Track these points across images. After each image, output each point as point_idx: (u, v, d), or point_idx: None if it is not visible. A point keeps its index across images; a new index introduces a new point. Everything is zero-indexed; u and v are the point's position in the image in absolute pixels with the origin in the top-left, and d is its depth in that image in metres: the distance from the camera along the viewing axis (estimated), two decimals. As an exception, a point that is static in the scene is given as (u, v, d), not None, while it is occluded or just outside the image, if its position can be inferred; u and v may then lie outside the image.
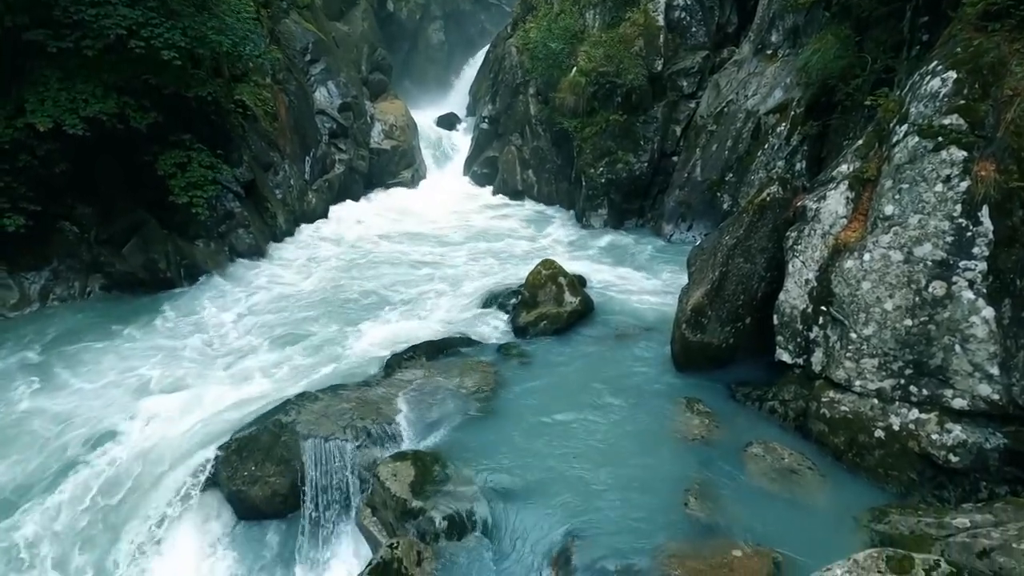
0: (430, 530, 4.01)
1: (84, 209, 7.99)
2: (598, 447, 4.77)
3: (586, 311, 7.03)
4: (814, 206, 5.26)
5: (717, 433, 4.95)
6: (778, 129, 9.32)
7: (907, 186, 4.58)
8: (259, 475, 4.81)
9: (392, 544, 3.83)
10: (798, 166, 8.84)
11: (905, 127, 4.77)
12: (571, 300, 6.97)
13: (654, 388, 5.59)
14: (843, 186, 5.16)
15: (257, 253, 9.78)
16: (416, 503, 4.16)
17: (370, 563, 3.79)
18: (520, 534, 3.99)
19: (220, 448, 5.01)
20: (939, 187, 4.42)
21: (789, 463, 4.59)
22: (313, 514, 4.60)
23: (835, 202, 5.13)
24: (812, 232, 5.17)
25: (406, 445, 4.91)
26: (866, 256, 4.71)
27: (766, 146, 9.43)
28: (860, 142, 5.43)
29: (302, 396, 5.36)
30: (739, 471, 4.53)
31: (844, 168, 5.36)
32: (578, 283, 7.38)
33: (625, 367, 5.96)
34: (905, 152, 4.64)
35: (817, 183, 5.75)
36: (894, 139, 4.84)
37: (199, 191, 8.05)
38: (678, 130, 11.36)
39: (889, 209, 4.66)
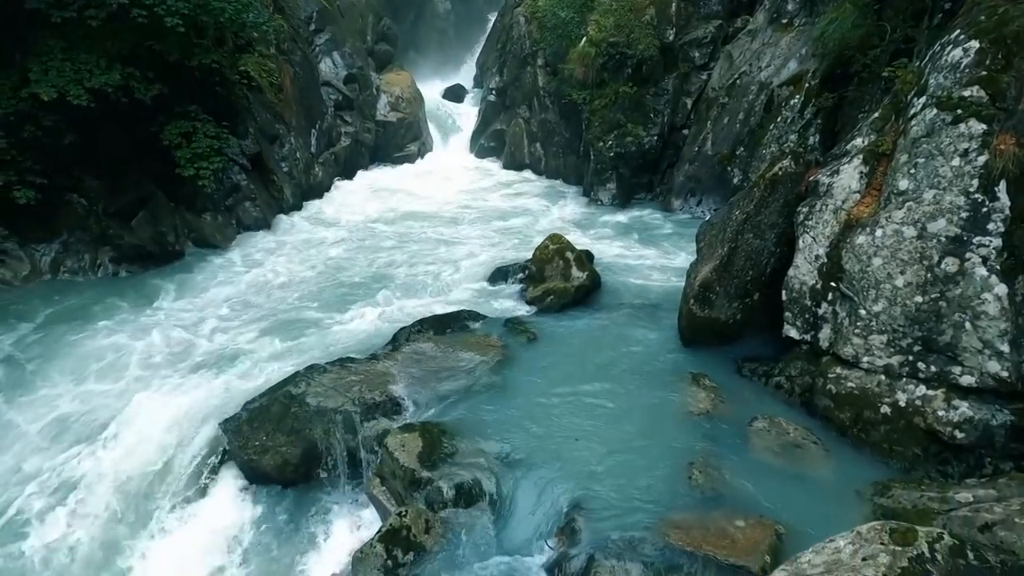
0: (438, 499, 4.09)
1: (92, 182, 8.01)
2: (604, 420, 4.81)
3: (593, 286, 7.02)
4: (827, 181, 5.17)
5: (722, 408, 4.97)
6: (791, 102, 9.12)
7: (923, 160, 4.48)
8: (270, 445, 4.90)
9: (401, 512, 3.92)
10: (811, 140, 8.67)
11: (923, 99, 4.65)
12: (578, 275, 6.95)
13: (660, 363, 5.60)
14: (857, 160, 5.06)
15: (264, 227, 9.80)
16: (424, 473, 4.23)
17: (380, 530, 3.89)
18: (526, 505, 4.07)
19: (230, 419, 5.10)
20: (956, 161, 4.33)
21: (794, 438, 4.62)
22: (327, 482, 4.70)
23: (848, 177, 5.05)
24: (824, 207, 5.10)
25: (414, 417, 4.98)
26: (878, 232, 4.64)
27: (779, 119, 9.24)
28: (876, 115, 5.31)
29: (311, 368, 5.42)
30: (743, 445, 4.56)
31: (859, 142, 5.26)
32: (585, 258, 7.35)
33: (632, 342, 5.97)
34: (922, 125, 4.54)
35: (830, 157, 5.64)
36: (911, 112, 4.73)
37: (205, 163, 8.03)
38: (689, 103, 11.15)
39: (904, 184, 4.58)
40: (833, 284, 4.90)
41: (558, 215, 10.83)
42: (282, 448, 4.88)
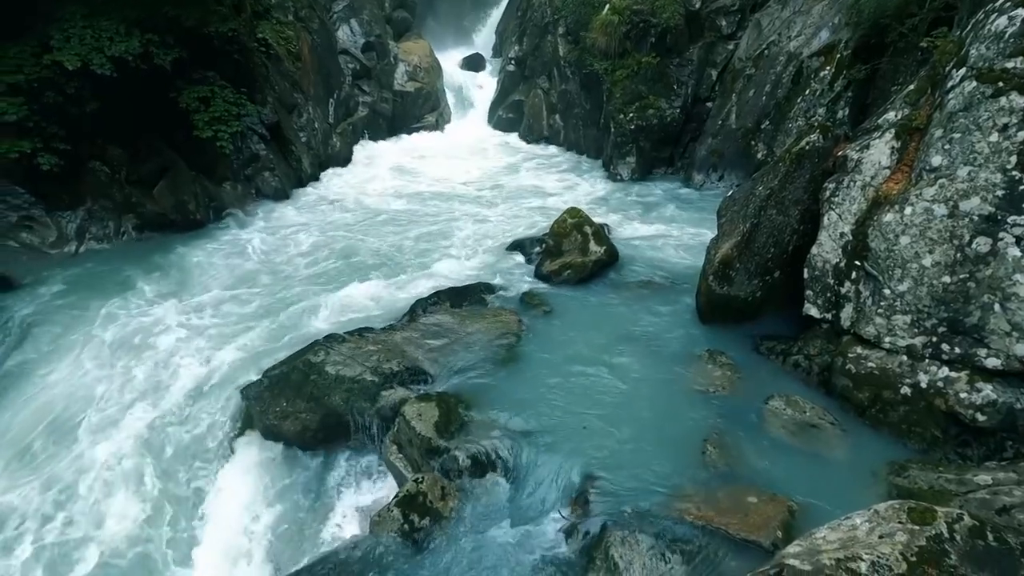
0: (454, 468, 4.17)
1: (114, 150, 8.08)
2: (619, 395, 4.83)
3: (611, 261, 6.97)
4: (856, 156, 5.02)
5: (739, 385, 4.95)
6: (821, 73, 8.82)
7: (959, 135, 4.32)
8: (290, 411, 5.01)
9: (418, 479, 4.00)
10: (840, 113, 8.40)
11: (963, 71, 4.45)
12: (596, 249, 6.90)
13: (677, 339, 5.58)
14: (889, 135, 4.90)
15: (283, 196, 9.85)
16: (440, 442, 4.30)
17: (397, 495, 3.98)
18: (540, 475, 4.12)
19: (251, 385, 5.22)
20: (994, 137, 4.16)
21: (810, 417, 4.59)
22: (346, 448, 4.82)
23: (879, 152, 4.89)
24: (851, 183, 4.96)
25: (430, 387, 5.04)
26: (907, 210, 4.51)
27: (807, 92, 8.95)
28: (911, 87, 5.11)
29: (329, 337, 5.50)
30: (759, 423, 4.55)
31: (891, 116, 5.08)
32: (603, 232, 7.28)
33: (648, 318, 5.94)
34: (960, 98, 4.36)
35: (860, 131, 5.47)
36: (949, 84, 4.53)
37: (223, 126, 8.05)
38: (714, 74, 10.84)
39: (937, 160, 4.42)
40: (857, 263, 4.80)
41: (576, 188, 10.71)
42: (302, 414, 4.99)
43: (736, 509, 3.73)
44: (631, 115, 10.82)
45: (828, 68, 8.74)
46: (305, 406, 5.01)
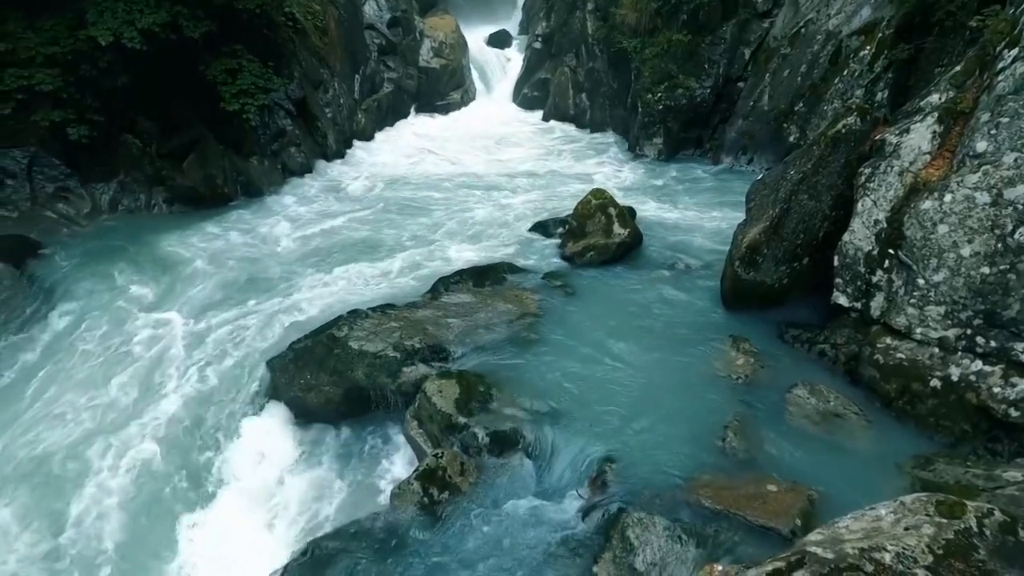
0: (473, 444, 4.23)
1: (145, 123, 8.21)
2: (639, 379, 4.81)
3: (635, 243, 6.89)
4: (894, 140, 4.85)
5: (762, 373, 4.89)
6: (861, 53, 8.48)
7: (1007, 120, 4.13)
8: (314, 383, 5.12)
9: (437, 454, 4.07)
10: (879, 96, 8.09)
11: (1015, 51, 4.23)
12: (620, 231, 6.82)
13: (700, 324, 5.52)
14: (931, 119, 4.71)
15: (308, 172, 9.92)
16: (460, 419, 4.36)
17: (417, 469, 4.06)
18: (559, 454, 4.15)
19: (277, 357, 5.33)
20: (1045, 122, 3.97)
21: (834, 407, 4.52)
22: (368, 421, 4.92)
23: (919, 136, 4.71)
24: (889, 169, 4.80)
25: (451, 365, 5.09)
26: (947, 197, 4.35)
27: (845, 72, 8.63)
28: (957, 69, 4.89)
29: (353, 313, 5.57)
30: (781, 411, 4.50)
31: (935, 98, 4.88)
32: (628, 214, 7.19)
33: (671, 302, 5.88)
34: (1011, 81, 4.15)
35: (901, 115, 5.27)
36: (999, 66, 4.32)
37: (250, 99, 8.10)
38: (747, 53, 10.50)
39: (982, 146, 4.24)
40: (891, 251, 4.66)
41: (601, 169, 10.57)
42: (325, 387, 5.09)
43: (755, 496, 3.72)
44: (659, 95, 10.58)
45: (868, 48, 8.40)
46: (328, 379, 5.10)
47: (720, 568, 2.13)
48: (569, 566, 3.46)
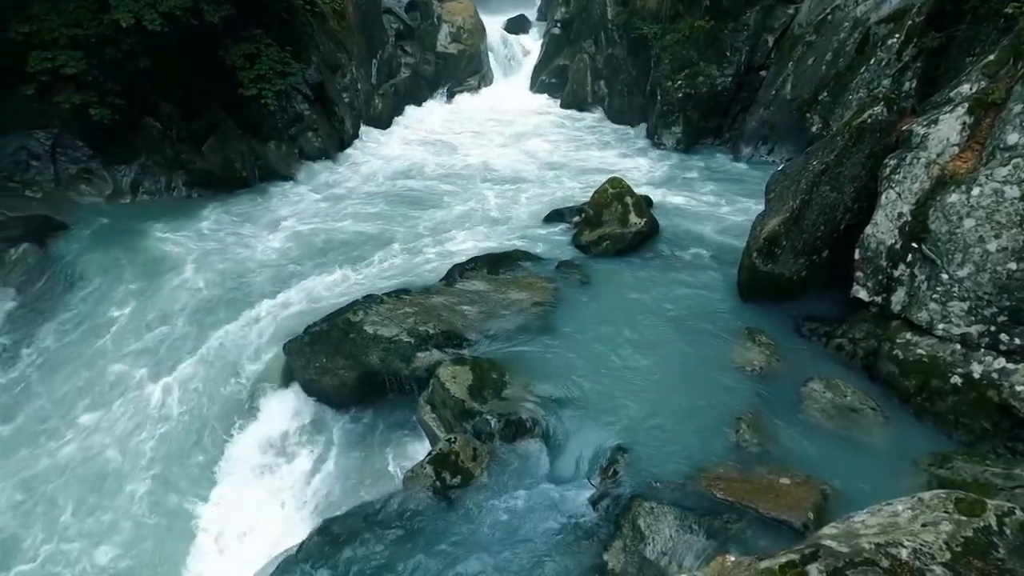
0: (485, 430, 4.25)
1: (166, 107, 8.28)
2: (653, 369, 4.79)
3: (651, 233, 6.83)
4: (922, 131, 4.73)
5: (777, 366, 4.85)
6: (889, 41, 8.26)
7: (1041, 111, 4.00)
8: (329, 367, 5.18)
9: (451, 439, 4.10)
10: (907, 85, 7.88)
11: (1052, 40, 4.09)
12: (636, 221, 6.77)
13: (716, 315, 5.47)
14: (961, 109, 4.58)
15: (325, 157, 9.95)
16: (473, 405, 4.39)
17: (430, 453, 4.10)
18: (571, 443, 4.17)
19: (293, 340, 5.39)
20: (1082, 114, 3.84)
21: (851, 401, 4.47)
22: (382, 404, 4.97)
23: (948, 127, 4.59)
24: (915, 161, 4.69)
25: (465, 351, 5.11)
26: (975, 190, 4.25)
27: (872, 61, 8.42)
28: (991, 58, 4.75)
29: (368, 298, 5.61)
30: (796, 405, 4.47)
31: (965, 88, 4.74)
32: (645, 203, 7.13)
33: (687, 292, 5.84)
34: (1047, 71, 4.02)
35: (929, 105, 5.14)
36: (1035, 55, 4.19)
37: (268, 84, 8.12)
38: (771, 40, 10.27)
39: (1014, 138, 4.12)
40: (915, 245, 4.57)
41: (618, 158, 10.46)
42: (340, 371, 5.15)
43: (767, 488, 3.70)
44: (679, 82, 10.41)
45: (897, 36, 8.18)
46: (343, 363, 5.16)
47: (732, 559, 2.13)
48: (579, 553, 3.48)
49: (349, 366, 5.13)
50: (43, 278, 6.64)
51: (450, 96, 14.28)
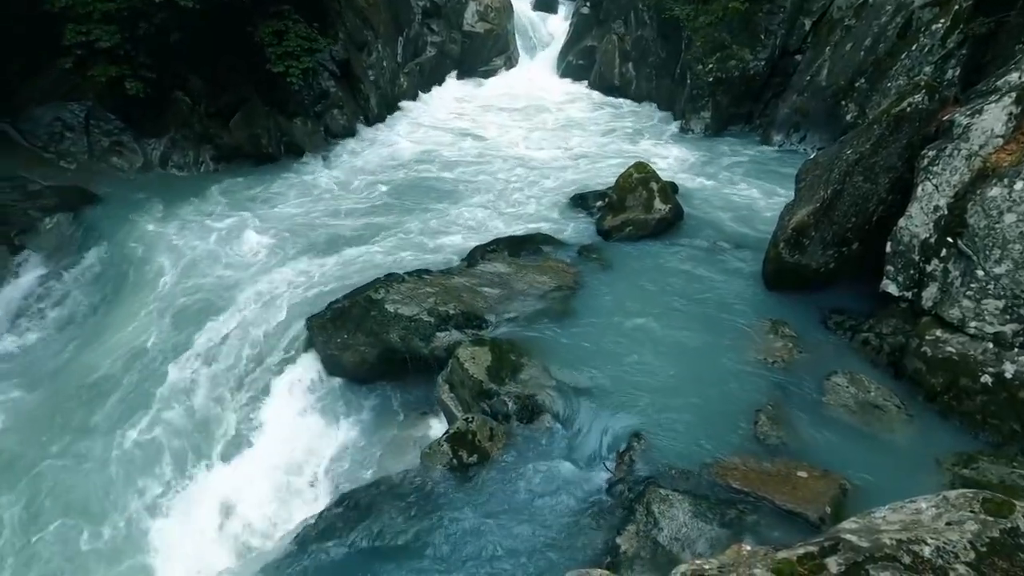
0: (502, 411, 4.29)
1: (195, 81, 8.36)
2: (672, 357, 4.77)
3: (675, 220, 6.74)
4: (964, 121, 4.56)
5: (800, 358, 4.78)
6: (934, 27, 7.93)
7: (1095, 103, 3.82)
8: (350, 343, 5.25)
9: (468, 418, 4.15)
10: (950, 73, 7.58)
11: (1112, 28, 3.89)
12: (661, 207, 6.67)
13: (738, 305, 5.40)
14: (1008, 99, 4.40)
15: (350, 135, 9.97)
16: (491, 386, 4.42)
17: (448, 432, 4.16)
18: (587, 427, 4.18)
19: (315, 316, 5.47)
20: None
21: (874, 397, 4.40)
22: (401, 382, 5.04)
23: (993, 118, 4.41)
24: (955, 152, 4.53)
25: (484, 333, 5.13)
26: (1018, 184, 4.10)
27: (914, 47, 8.10)
28: (1043, 45, 4.53)
29: (390, 276, 5.66)
30: (818, 398, 4.41)
31: (1013, 77, 4.55)
32: (670, 189, 7.02)
33: (710, 281, 5.76)
34: (1103, 60, 3.83)
35: (973, 94, 4.95)
36: (1092, 43, 3.98)
37: (295, 61, 8.14)
38: (808, 24, 9.93)
39: (1063, 130, 3.95)
40: (950, 239, 4.44)
41: (644, 142, 10.29)
42: (361, 348, 5.22)
43: (784, 481, 3.68)
44: (711, 66, 10.15)
45: (943, 21, 7.84)
46: (364, 340, 5.23)
47: (749, 548, 2.12)
48: (593, 535, 3.52)
49: (370, 343, 5.20)
50: (76, 247, 6.82)
51: (475, 76, 14.14)
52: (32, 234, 6.80)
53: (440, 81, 13.31)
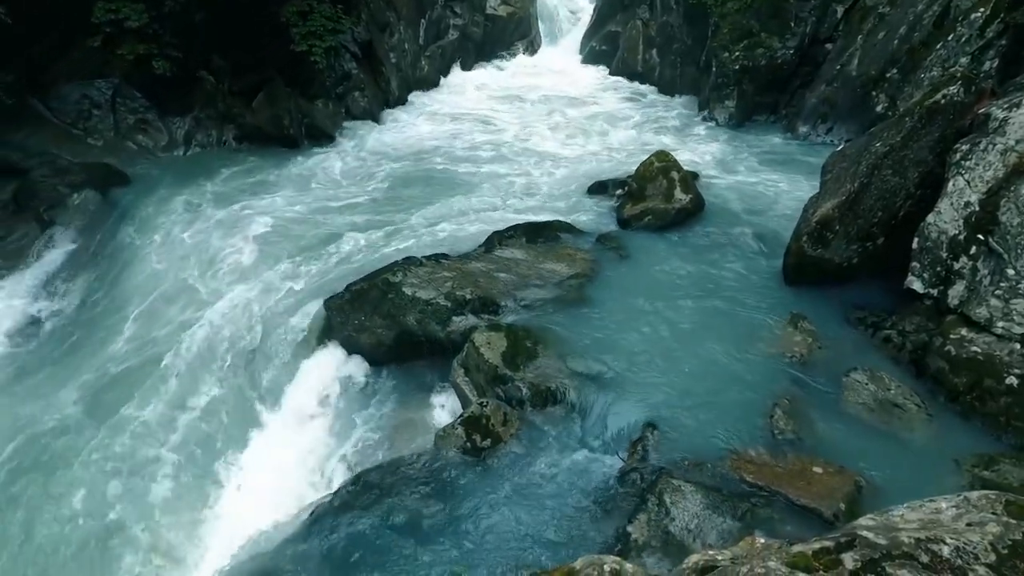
0: (516, 396, 4.31)
1: (219, 61, 8.42)
2: (688, 348, 4.74)
3: (696, 210, 6.66)
4: (1001, 115, 4.41)
5: (819, 353, 4.72)
6: (972, 16, 7.66)
7: None
8: (368, 325, 5.30)
9: (482, 402, 4.18)
10: (987, 65, 7.33)
11: None
12: (681, 197, 6.59)
13: (757, 298, 5.34)
14: (1049, 93, 4.24)
15: (371, 117, 9.99)
16: (506, 371, 4.44)
17: (462, 415, 4.19)
18: (601, 415, 4.19)
19: (334, 297, 5.53)
20: None
21: (894, 396, 4.33)
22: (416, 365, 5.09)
23: (1032, 112, 4.26)
24: (990, 146, 4.39)
25: (500, 318, 5.14)
26: (1055, 182, 3.96)
27: (950, 37, 7.84)
28: (1089, 37, 4.35)
29: (408, 260, 5.69)
30: (836, 395, 4.35)
31: (1056, 70, 4.37)
32: (691, 179, 6.93)
33: (729, 273, 5.70)
34: None
35: (1012, 86, 4.79)
36: None
37: (318, 40, 8.16)
38: (840, 11, 9.66)
39: (1106, 126, 3.80)
40: (980, 237, 4.32)
41: (666, 130, 10.15)
42: (378, 330, 5.27)
43: (799, 476, 3.65)
44: (737, 53, 9.94)
45: (982, 9, 7.57)
46: (381, 322, 5.27)
47: (762, 541, 2.12)
48: (603, 522, 3.54)
49: (387, 325, 5.25)
50: (103, 223, 6.95)
51: (497, 60, 14.04)
52: (61, 209, 6.95)
53: (462, 65, 13.25)
